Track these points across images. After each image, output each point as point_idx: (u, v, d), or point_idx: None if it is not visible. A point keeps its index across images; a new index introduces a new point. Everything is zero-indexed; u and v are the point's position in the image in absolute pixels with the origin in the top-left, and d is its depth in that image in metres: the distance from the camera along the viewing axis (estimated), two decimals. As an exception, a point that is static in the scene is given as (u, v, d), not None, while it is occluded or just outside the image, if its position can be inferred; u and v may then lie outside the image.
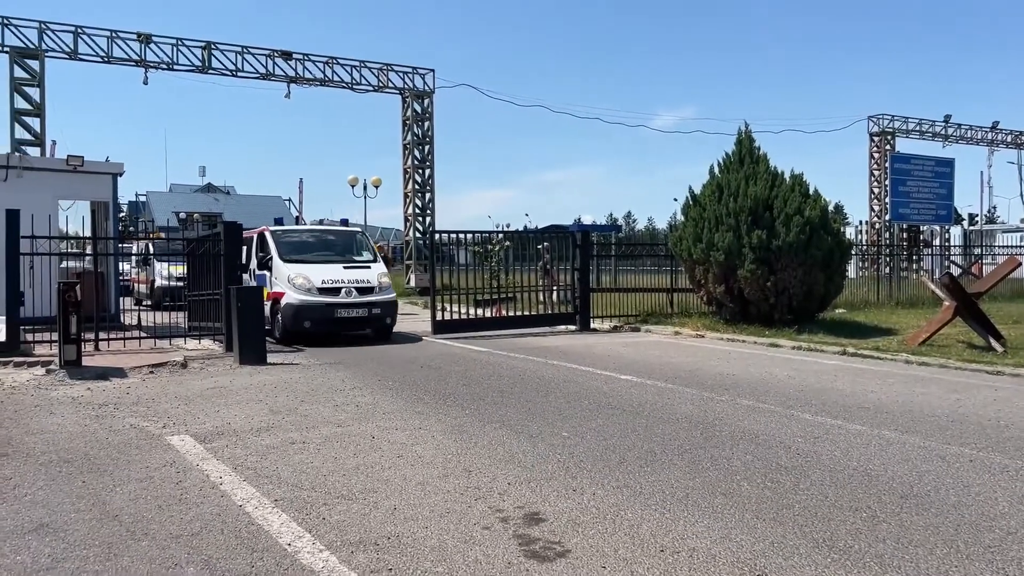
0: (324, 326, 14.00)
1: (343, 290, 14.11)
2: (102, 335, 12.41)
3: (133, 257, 27.18)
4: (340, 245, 15.96)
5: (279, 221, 16.96)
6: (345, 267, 14.76)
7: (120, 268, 23.13)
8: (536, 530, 4.54)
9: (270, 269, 14.61)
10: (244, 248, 14.80)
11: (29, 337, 12.19)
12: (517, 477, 5.60)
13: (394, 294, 15.20)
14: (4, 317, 11.74)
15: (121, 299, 17.01)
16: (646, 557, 4.15)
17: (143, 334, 13.12)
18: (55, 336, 10.80)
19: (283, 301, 14.01)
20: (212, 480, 5.55)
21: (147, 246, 25.82)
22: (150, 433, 7.02)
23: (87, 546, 4.31)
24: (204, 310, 14.08)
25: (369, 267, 15.09)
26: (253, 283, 14.46)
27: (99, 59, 25.37)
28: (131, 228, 41.73)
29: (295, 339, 14.07)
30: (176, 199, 55.89)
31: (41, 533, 4.51)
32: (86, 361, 10.71)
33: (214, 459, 6.11)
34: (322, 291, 13.97)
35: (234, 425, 7.32)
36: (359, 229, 17.54)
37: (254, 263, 15.37)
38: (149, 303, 22.02)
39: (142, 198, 59.65)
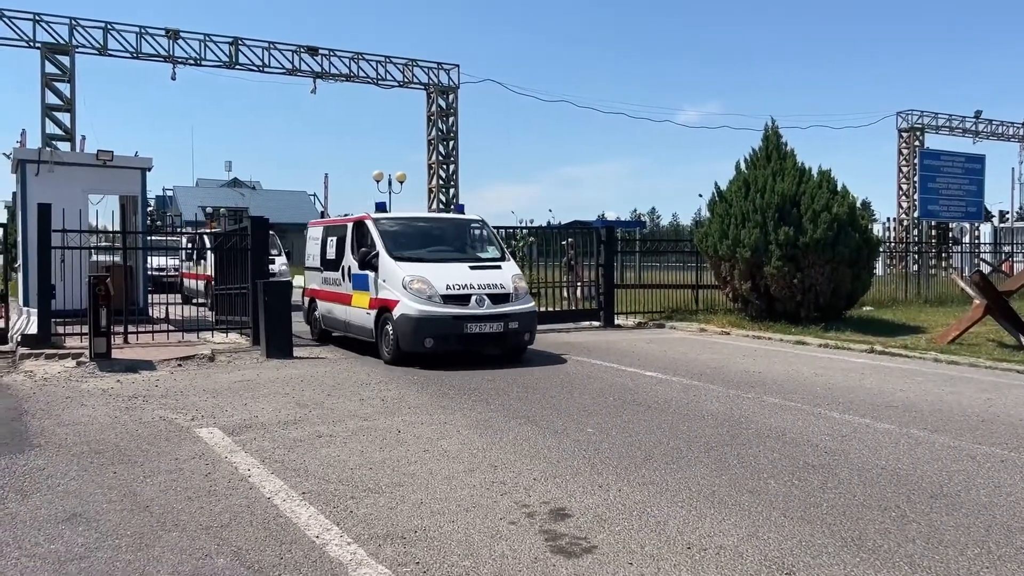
0: (449, 344, 10.72)
1: (473, 298, 10.81)
2: (131, 328, 12.56)
3: (183, 251, 23.35)
4: (456, 238, 12.54)
5: (381, 207, 12.64)
6: (472, 267, 11.39)
7: (166, 263, 23.01)
8: (562, 525, 4.54)
9: (375, 268, 11.38)
10: (327, 240, 13.15)
11: (60, 330, 12.37)
12: (543, 472, 5.61)
13: (532, 303, 11.92)
14: (36, 310, 11.93)
15: (166, 295, 16.93)
16: (673, 554, 4.14)
17: (171, 327, 13.26)
18: (85, 329, 10.95)
19: (396, 311, 10.76)
20: (241, 472, 5.61)
21: (201, 238, 22.01)
22: (179, 425, 7.11)
23: (119, 536, 4.38)
24: (231, 304, 14.19)
25: (500, 267, 11.66)
26: (348, 284, 12.22)
27: (128, 55, 25.68)
28: (159, 222, 42.20)
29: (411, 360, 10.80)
30: (202, 194, 56.48)
31: (74, 523, 4.59)
32: (115, 354, 10.86)
33: (242, 451, 6.17)
34: (447, 299, 10.73)
35: (262, 418, 7.39)
36: (479, 218, 13.18)
37: (350, 260, 12.13)
38: (205, 302, 17.25)
39: (169, 193, 60.30)
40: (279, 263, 21.59)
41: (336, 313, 12.73)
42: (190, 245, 23.31)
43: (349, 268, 12.14)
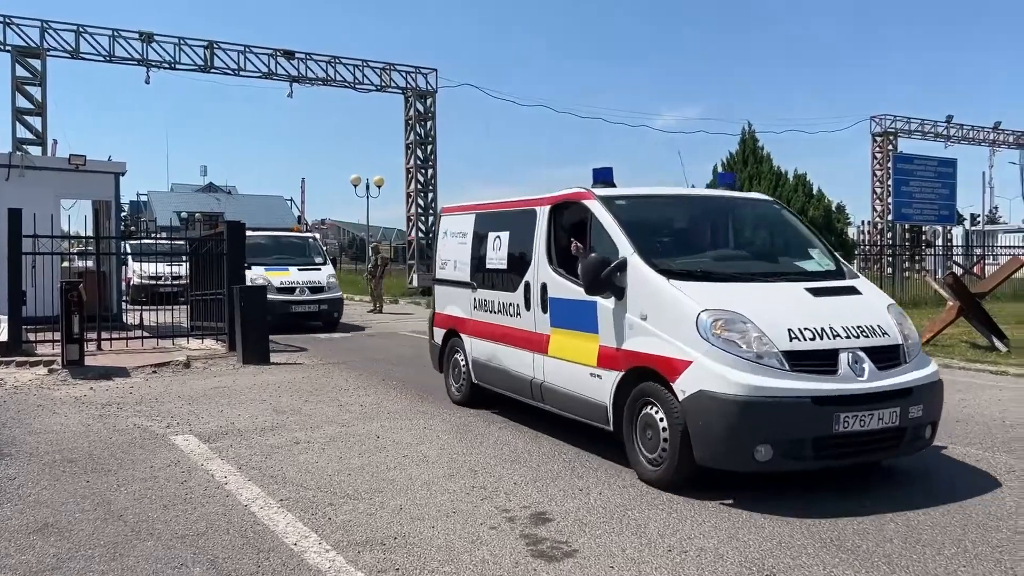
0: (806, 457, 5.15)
1: (843, 358, 5.26)
2: (104, 335, 12.39)
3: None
4: (753, 236, 7.44)
5: (604, 176, 6.83)
6: (813, 292, 5.83)
7: (163, 270, 22.79)
8: (543, 530, 4.52)
9: (618, 290, 5.88)
10: (487, 237, 7.88)
11: (31, 337, 12.17)
12: (523, 477, 5.59)
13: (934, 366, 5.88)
14: (6, 317, 11.73)
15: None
16: (654, 556, 4.14)
17: (145, 334, 13.11)
18: (57, 336, 10.78)
19: (686, 383, 5.23)
20: (217, 480, 5.54)
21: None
22: (154, 433, 7.01)
23: (92, 546, 4.30)
24: (206, 310, 14.05)
25: (855, 290, 6.12)
26: (540, 315, 6.85)
27: (101, 58, 25.37)
28: (132, 228, 41.74)
29: None
30: (177, 199, 55.89)
31: (46, 533, 4.50)
32: (88, 361, 10.70)
33: (219, 459, 6.10)
34: (795, 361, 5.18)
35: (238, 425, 7.31)
36: (768, 198, 7.88)
37: (545, 271, 6.84)
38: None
39: (143, 198, 59.66)
40: (326, 273, 17.51)
41: (509, 363, 7.35)
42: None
43: (544, 287, 6.83)
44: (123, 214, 31.37)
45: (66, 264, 14.35)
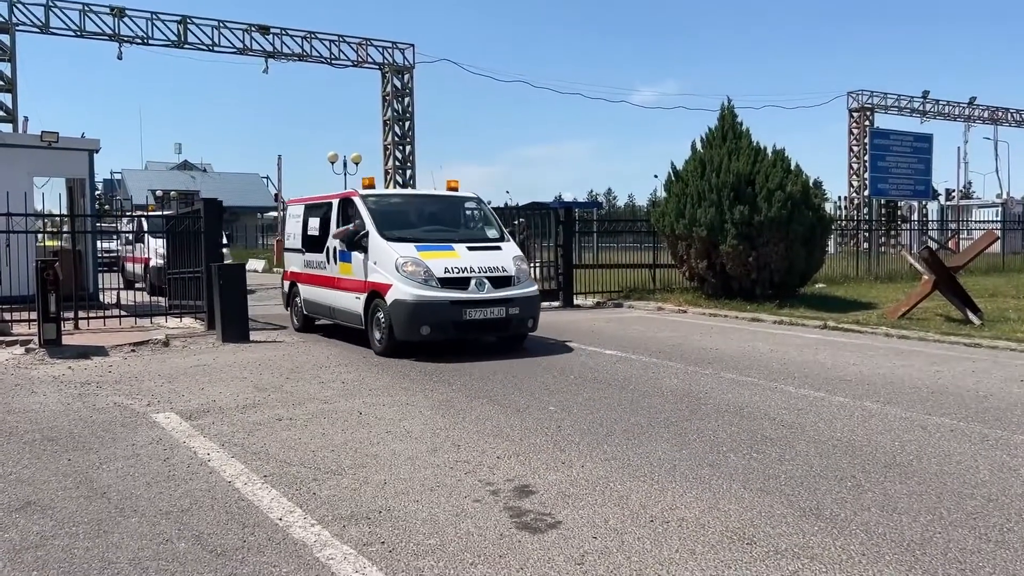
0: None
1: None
2: (81, 314, 12.27)
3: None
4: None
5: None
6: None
7: (110, 247, 22.92)
8: (527, 502, 4.56)
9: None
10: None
11: (7, 316, 12.02)
12: (506, 451, 5.63)
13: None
14: (-19, 296, 11.57)
15: (104, 278, 16.68)
16: (636, 527, 4.19)
17: (123, 313, 12.98)
18: (34, 315, 10.66)
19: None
20: (200, 457, 5.53)
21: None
22: (134, 411, 6.97)
23: (76, 523, 4.29)
24: (185, 288, 13.94)
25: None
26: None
27: (71, 33, 24.92)
28: (107, 206, 41.19)
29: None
30: (152, 176, 55.24)
31: (28, 511, 4.48)
32: (66, 340, 10.60)
33: (201, 436, 6.08)
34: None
35: (219, 403, 7.29)
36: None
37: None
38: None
39: (117, 176, 58.91)
40: (509, 254, 16.76)
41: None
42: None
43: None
44: (97, 192, 30.94)
45: (41, 243, 14.13)
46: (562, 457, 5.48)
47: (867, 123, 36.45)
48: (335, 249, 11.17)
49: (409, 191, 13.27)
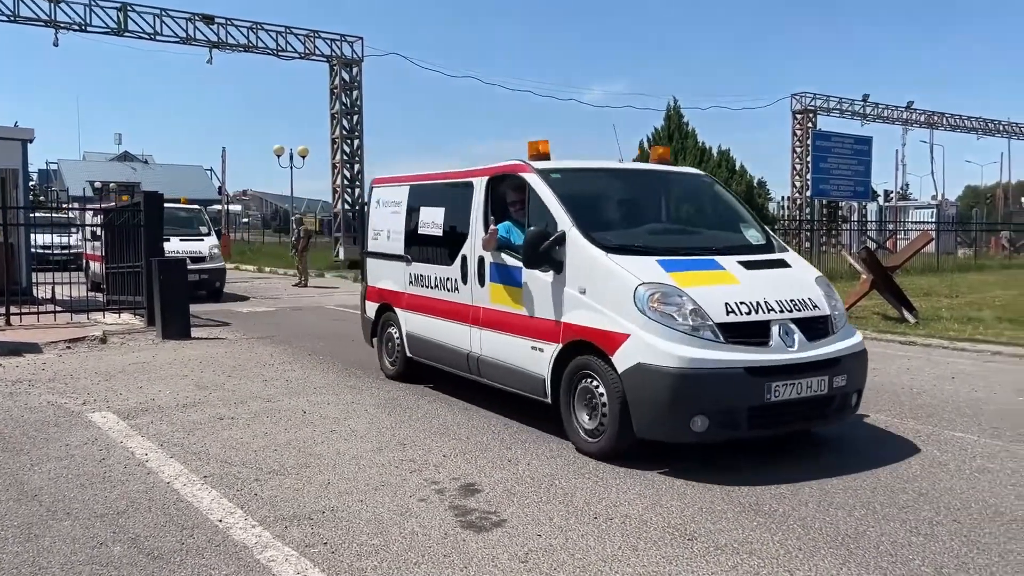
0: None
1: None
2: (13, 309, 11.87)
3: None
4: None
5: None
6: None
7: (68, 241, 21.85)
8: (472, 501, 4.56)
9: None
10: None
11: (-66, 311, 11.58)
12: (452, 449, 5.62)
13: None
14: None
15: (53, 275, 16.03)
16: (580, 524, 4.22)
17: (58, 308, 12.60)
18: (-37, 310, 10.28)
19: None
20: (137, 457, 5.40)
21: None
22: (69, 410, 6.77)
23: (4, 527, 4.15)
24: (123, 283, 13.57)
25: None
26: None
27: (4, 19, 24.01)
28: (42, 197, 39.93)
29: None
30: (90, 168, 53.63)
31: (-46, 515, 4.32)
32: (-3, 336, 10.25)
33: (139, 436, 5.94)
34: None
35: (159, 401, 7.12)
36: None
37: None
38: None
39: (53, 166, 57.11)
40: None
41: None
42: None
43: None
44: (32, 183, 29.95)
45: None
46: (508, 455, 5.49)
47: (810, 125, 37.25)
48: (481, 260, 6.70)
49: (610, 164, 7.54)
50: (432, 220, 7.60)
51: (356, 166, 30.15)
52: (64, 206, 28.37)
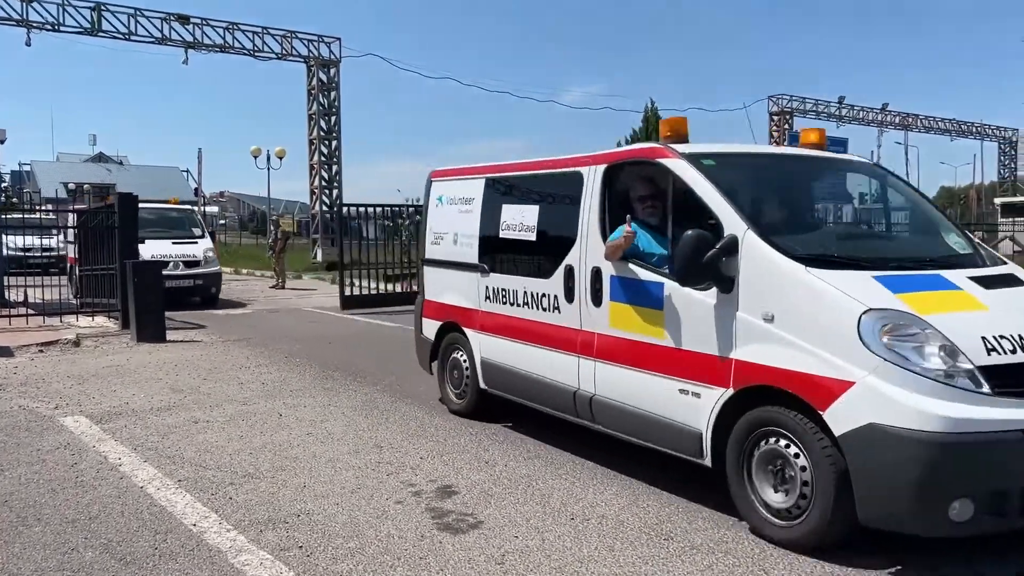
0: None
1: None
2: (-15, 312, 11.70)
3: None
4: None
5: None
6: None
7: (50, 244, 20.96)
8: (449, 503, 4.55)
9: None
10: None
11: (-98, 315, 11.39)
12: (429, 451, 5.60)
13: None
14: None
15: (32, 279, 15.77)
16: (557, 525, 4.23)
17: (31, 311, 12.43)
18: (-68, 314, 10.12)
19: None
20: (110, 462, 5.34)
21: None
22: (41, 414, 6.68)
23: (-26, 534, 4.09)
24: (97, 286, 13.42)
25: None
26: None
27: (-25, 18, 23.68)
28: (14, 199, 39.41)
29: None
30: (64, 169, 52.97)
31: (-79, 522, 4.25)
32: (-32, 340, 10.10)
33: (112, 440, 5.87)
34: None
35: (133, 405, 7.05)
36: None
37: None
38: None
39: (26, 168, 56.44)
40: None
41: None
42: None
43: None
44: (3, 185, 29.55)
45: None
46: (485, 457, 5.48)
47: (787, 127, 37.57)
48: (597, 272, 5.19)
49: (771, 148, 6.66)
50: (520, 221, 6.00)
51: (334, 167, 30.03)
52: (39, 208, 27.96)
